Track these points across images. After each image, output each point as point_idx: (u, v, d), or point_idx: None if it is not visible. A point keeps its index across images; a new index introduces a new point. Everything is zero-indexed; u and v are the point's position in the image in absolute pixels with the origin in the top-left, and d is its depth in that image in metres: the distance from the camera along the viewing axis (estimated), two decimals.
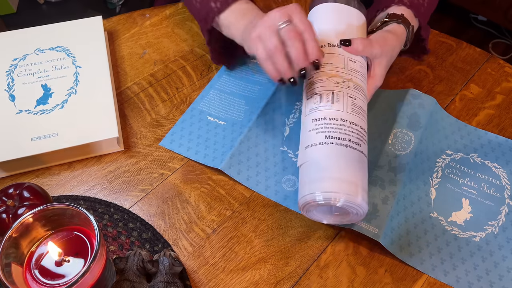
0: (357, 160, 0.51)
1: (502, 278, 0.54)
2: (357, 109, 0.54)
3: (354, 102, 0.54)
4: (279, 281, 0.54)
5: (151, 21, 0.81)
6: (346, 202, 0.49)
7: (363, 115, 0.55)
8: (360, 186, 0.50)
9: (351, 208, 0.49)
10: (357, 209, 0.50)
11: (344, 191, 0.49)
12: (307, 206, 0.51)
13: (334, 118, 0.53)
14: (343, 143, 0.51)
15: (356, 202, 0.49)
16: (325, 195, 0.49)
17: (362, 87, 0.57)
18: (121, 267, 0.50)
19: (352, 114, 0.53)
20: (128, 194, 0.61)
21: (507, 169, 0.62)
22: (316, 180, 0.50)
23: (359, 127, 0.53)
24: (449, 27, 1.99)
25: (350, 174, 0.50)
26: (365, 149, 0.53)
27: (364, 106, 0.56)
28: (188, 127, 0.67)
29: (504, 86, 0.72)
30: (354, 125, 0.53)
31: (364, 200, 0.50)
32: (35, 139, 0.62)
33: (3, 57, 0.70)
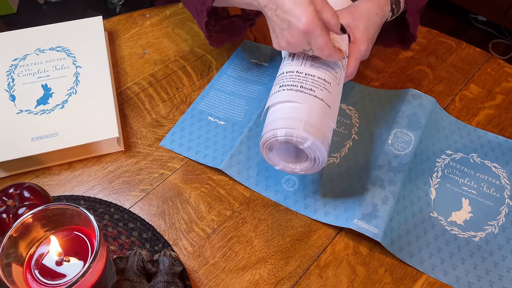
0: (306, 101, 0.53)
1: (502, 278, 0.54)
2: (316, 64, 0.56)
3: (314, 60, 0.56)
4: (279, 281, 0.54)
5: (151, 21, 0.81)
6: (287, 135, 0.51)
7: (326, 70, 0.56)
8: (304, 121, 0.51)
9: (298, 143, 0.51)
10: (302, 142, 0.51)
11: (285, 126, 0.51)
12: (262, 145, 0.54)
13: (290, 71, 0.56)
14: (293, 89, 0.54)
15: (299, 135, 0.50)
16: (269, 133, 0.52)
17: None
18: (121, 267, 0.50)
19: (309, 68, 0.56)
20: (128, 194, 0.61)
21: (507, 169, 0.63)
22: (269, 122, 0.54)
23: (315, 77, 0.55)
24: (449, 27, 1.99)
25: (296, 112, 0.52)
26: (325, 95, 0.54)
27: (332, 64, 0.57)
28: (188, 127, 0.67)
29: (504, 86, 0.73)
30: (309, 75, 0.55)
31: (309, 133, 0.51)
32: (35, 139, 0.62)
33: (4, 57, 0.70)
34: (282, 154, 0.55)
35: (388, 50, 0.77)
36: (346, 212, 0.58)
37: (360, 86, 0.71)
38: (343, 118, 0.67)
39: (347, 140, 0.65)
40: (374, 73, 0.74)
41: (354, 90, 0.71)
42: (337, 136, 0.66)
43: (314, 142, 0.51)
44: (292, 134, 0.51)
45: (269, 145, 0.53)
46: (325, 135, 0.52)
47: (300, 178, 0.62)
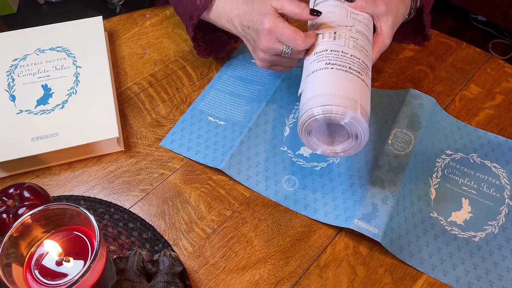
0: (358, 84, 0.50)
1: (502, 278, 0.54)
2: (359, 47, 0.54)
3: (356, 42, 0.54)
4: (279, 281, 0.54)
5: (151, 21, 0.81)
6: (345, 115, 0.47)
7: (366, 55, 0.54)
8: (359, 103, 0.48)
9: (351, 126, 0.48)
10: (357, 126, 0.48)
11: (343, 104, 0.48)
12: (305, 125, 0.50)
13: (335, 50, 0.53)
14: (343, 69, 0.51)
15: (356, 116, 0.47)
16: (324, 108, 0.48)
17: (365, 34, 0.56)
18: (121, 267, 0.50)
19: (353, 49, 0.53)
20: (128, 194, 0.61)
21: (507, 169, 0.63)
22: (314, 97, 0.49)
23: (360, 61, 0.52)
24: (449, 27, 1.99)
25: (350, 92, 0.49)
26: (368, 81, 0.52)
27: (368, 48, 0.56)
28: (188, 127, 0.67)
29: (504, 86, 0.73)
30: (355, 58, 0.52)
31: (364, 118, 0.48)
32: (35, 139, 0.62)
33: (4, 57, 0.70)
34: (321, 138, 0.53)
35: (388, 50, 0.77)
36: (346, 212, 0.58)
37: None
38: None
39: None
40: (374, 73, 0.74)
41: None
42: None
43: (355, 115, 0.48)
44: (330, 110, 0.48)
45: (307, 127, 0.50)
46: (365, 108, 0.49)
47: (300, 178, 0.62)
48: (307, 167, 0.63)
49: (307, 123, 0.50)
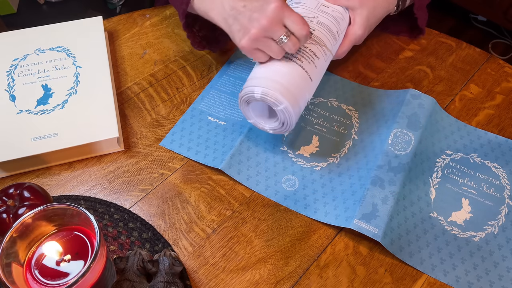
0: (294, 71, 0.56)
1: (501, 278, 0.54)
2: (313, 39, 0.59)
3: (311, 31, 0.59)
4: (279, 281, 0.54)
5: (151, 21, 0.81)
6: (264, 94, 0.55)
7: (319, 45, 0.59)
8: (283, 86, 0.55)
9: (281, 113, 0.56)
10: (286, 116, 0.56)
11: (278, 91, 0.54)
12: (245, 97, 0.57)
13: None
14: (286, 56, 0.57)
15: (275, 96, 0.54)
16: (263, 90, 0.55)
17: (328, 26, 0.61)
18: (121, 267, 0.50)
19: None
20: (129, 194, 0.61)
21: (507, 169, 0.63)
22: (257, 78, 0.57)
23: (307, 49, 0.58)
24: (449, 27, 1.99)
25: (283, 78, 0.56)
26: (311, 69, 0.58)
27: (325, 39, 0.60)
28: (188, 127, 0.67)
29: (504, 86, 0.73)
30: (302, 46, 0.58)
31: (284, 97, 0.54)
32: (35, 139, 0.62)
33: (4, 57, 0.70)
34: (257, 110, 0.60)
35: (388, 50, 0.77)
36: (346, 212, 0.58)
37: (360, 86, 0.71)
38: (343, 118, 0.67)
39: (347, 140, 0.65)
40: (374, 73, 0.74)
41: (354, 90, 0.71)
42: (337, 136, 0.66)
43: (287, 107, 0.55)
44: (268, 94, 0.55)
45: (246, 99, 0.57)
46: (299, 103, 0.56)
47: (300, 178, 0.62)
48: (307, 167, 0.63)
49: (246, 96, 0.57)
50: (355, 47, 0.77)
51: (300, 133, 0.66)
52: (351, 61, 0.75)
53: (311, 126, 0.67)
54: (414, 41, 0.78)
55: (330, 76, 0.72)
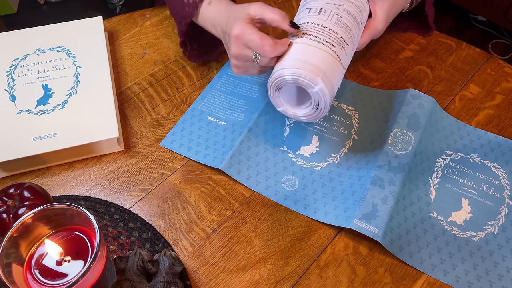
0: (328, 53, 0.54)
1: (501, 278, 0.54)
2: (341, 24, 0.57)
3: (340, 19, 0.57)
4: (279, 280, 0.54)
5: (151, 21, 0.81)
6: (298, 75, 0.52)
7: (348, 32, 0.57)
8: (319, 67, 0.53)
9: (316, 95, 0.53)
10: (312, 86, 0.53)
11: (311, 71, 0.52)
12: (276, 81, 0.55)
13: (316, 23, 0.56)
14: (317, 40, 0.55)
15: (311, 77, 0.52)
16: (294, 71, 0.53)
17: (353, 15, 0.59)
18: (121, 267, 0.50)
19: (334, 25, 0.56)
20: (129, 194, 0.61)
21: (507, 169, 0.63)
22: (288, 60, 0.54)
23: (338, 35, 0.56)
24: (449, 27, 1.99)
25: (318, 61, 0.53)
26: (342, 54, 0.56)
27: (353, 28, 0.58)
28: (188, 127, 0.67)
29: (503, 86, 0.73)
30: (333, 32, 0.56)
31: (320, 78, 0.52)
32: (35, 139, 0.62)
33: (4, 57, 0.70)
34: (286, 98, 0.58)
35: (388, 50, 0.77)
36: (346, 212, 0.58)
37: (360, 86, 0.71)
38: (343, 118, 0.67)
39: (347, 140, 0.65)
40: (374, 73, 0.74)
41: (354, 90, 0.71)
42: (337, 136, 0.66)
43: (323, 88, 0.53)
44: (301, 75, 0.52)
45: (277, 84, 0.55)
46: (333, 85, 0.54)
47: (300, 178, 0.62)
48: (307, 167, 0.63)
49: (277, 80, 0.55)
50: None
51: (300, 133, 0.66)
52: (351, 61, 0.75)
53: (311, 126, 0.67)
54: (414, 41, 0.78)
55: None
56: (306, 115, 0.57)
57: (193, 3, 0.64)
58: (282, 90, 0.56)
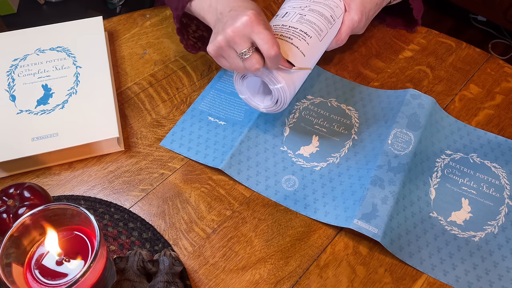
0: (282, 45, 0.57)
1: (501, 278, 0.54)
2: (303, 21, 0.60)
3: (302, 17, 0.61)
4: (279, 280, 0.54)
5: (151, 21, 0.81)
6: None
7: (312, 26, 0.60)
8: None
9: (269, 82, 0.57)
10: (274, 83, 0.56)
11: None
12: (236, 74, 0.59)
13: (277, 24, 0.61)
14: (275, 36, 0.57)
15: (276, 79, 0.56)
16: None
17: (320, 11, 0.62)
18: (121, 266, 0.50)
19: (295, 23, 0.60)
20: (129, 194, 0.61)
21: (507, 169, 0.63)
22: None
23: (297, 29, 0.59)
24: (448, 27, 1.99)
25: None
26: (301, 45, 0.58)
27: (318, 22, 0.61)
28: (188, 127, 0.67)
29: (503, 86, 0.73)
30: (292, 28, 0.59)
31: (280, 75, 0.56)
32: (35, 139, 0.62)
33: (4, 57, 0.70)
34: (250, 88, 0.61)
35: (388, 50, 0.77)
36: (346, 212, 0.58)
37: (360, 86, 0.71)
38: (343, 118, 0.67)
39: (347, 140, 0.65)
40: (374, 73, 0.74)
41: (354, 90, 0.71)
42: (337, 136, 0.66)
43: (283, 86, 0.56)
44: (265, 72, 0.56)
45: (242, 74, 0.59)
46: (293, 81, 0.58)
47: (300, 178, 0.62)
48: (307, 167, 0.63)
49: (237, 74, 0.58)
50: (355, 47, 0.77)
51: (300, 133, 0.66)
52: (351, 61, 0.75)
53: (311, 126, 0.67)
54: (414, 41, 0.78)
55: (330, 76, 0.73)
56: (266, 107, 0.61)
57: None
58: (247, 79, 0.60)
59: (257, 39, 0.51)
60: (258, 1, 0.84)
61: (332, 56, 0.76)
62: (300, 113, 0.68)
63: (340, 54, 0.76)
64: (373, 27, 0.80)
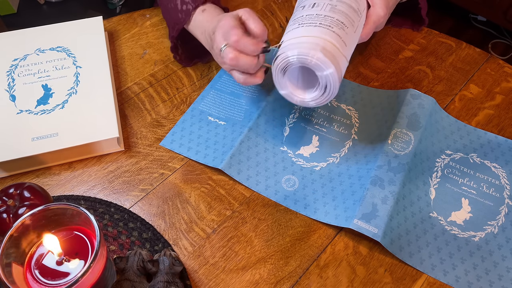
0: (328, 35, 0.53)
1: (501, 278, 0.54)
2: (336, 11, 0.56)
3: (334, 7, 0.56)
4: (279, 280, 0.54)
5: (151, 21, 0.81)
6: (305, 55, 0.51)
7: (346, 17, 0.56)
8: (324, 48, 0.51)
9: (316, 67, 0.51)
10: (321, 67, 0.51)
11: (306, 47, 0.51)
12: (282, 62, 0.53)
13: (310, 14, 0.56)
14: (312, 24, 0.54)
15: (319, 57, 0.51)
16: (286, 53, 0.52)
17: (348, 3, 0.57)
18: (121, 266, 0.50)
19: (329, 12, 0.55)
20: (129, 194, 0.61)
21: (507, 169, 0.63)
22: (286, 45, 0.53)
23: (334, 18, 0.55)
24: (449, 27, 1.99)
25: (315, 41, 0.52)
26: (341, 33, 0.54)
27: (350, 14, 0.57)
28: (188, 127, 0.67)
29: (503, 86, 0.73)
30: (329, 17, 0.55)
31: (328, 59, 0.51)
32: (35, 139, 0.62)
33: (4, 57, 0.70)
34: (292, 82, 0.56)
35: (388, 50, 0.77)
36: (346, 212, 0.58)
37: (360, 86, 0.71)
38: (343, 118, 0.67)
39: (347, 140, 0.65)
40: (374, 73, 0.74)
41: (354, 90, 0.71)
42: (337, 136, 0.66)
43: (332, 71, 0.51)
44: (311, 55, 0.51)
45: (283, 66, 0.53)
46: (340, 66, 0.53)
47: (300, 178, 0.62)
48: (307, 167, 0.63)
49: (283, 62, 0.53)
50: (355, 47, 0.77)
51: (300, 133, 0.66)
52: (351, 61, 0.75)
53: (311, 126, 0.67)
54: (414, 41, 0.78)
55: None
56: (314, 99, 0.55)
57: (186, 11, 0.65)
58: (288, 72, 0.55)
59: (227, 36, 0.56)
60: (258, 1, 0.84)
61: None
62: (300, 113, 0.68)
63: None
64: None
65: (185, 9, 0.65)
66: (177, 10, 0.66)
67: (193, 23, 0.66)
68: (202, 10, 0.64)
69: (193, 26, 0.66)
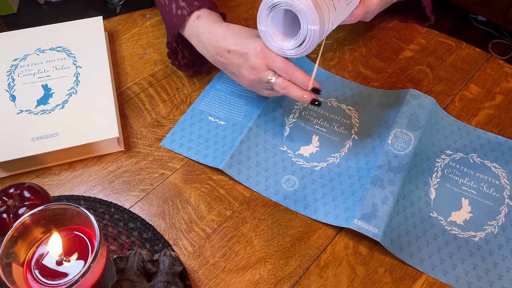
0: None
1: (501, 278, 0.54)
2: None
3: None
4: (279, 280, 0.54)
5: (151, 21, 0.81)
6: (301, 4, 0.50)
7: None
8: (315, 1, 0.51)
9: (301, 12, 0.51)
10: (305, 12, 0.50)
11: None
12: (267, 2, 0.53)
13: None
14: None
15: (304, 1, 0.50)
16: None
17: None
18: (121, 266, 0.50)
19: None
20: (129, 194, 0.61)
21: (507, 169, 0.63)
22: None
23: None
24: (449, 27, 1.99)
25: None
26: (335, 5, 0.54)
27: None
28: (188, 127, 0.67)
29: (503, 86, 0.73)
30: None
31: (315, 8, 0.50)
32: (35, 139, 0.62)
33: (4, 57, 0.70)
34: (274, 25, 0.56)
35: (388, 50, 0.77)
36: (346, 212, 0.58)
37: (360, 86, 0.71)
38: (343, 118, 0.67)
39: (347, 140, 0.65)
40: (374, 73, 0.74)
41: (354, 90, 0.71)
42: (337, 136, 0.66)
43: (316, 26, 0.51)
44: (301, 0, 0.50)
45: (272, 5, 0.53)
46: (324, 23, 0.52)
47: (300, 178, 0.62)
48: (307, 167, 0.63)
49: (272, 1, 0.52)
50: (355, 47, 0.77)
51: (300, 133, 0.66)
52: (351, 61, 0.75)
53: (311, 126, 0.67)
54: (414, 41, 0.78)
55: (330, 76, 0.73)
56: (288, 48, 0.55)
57: (181, 16, 0.64)
58: (273, 14, 0.54)
59: (274, 67, 0.57)
60: (258, 1, 0.84)
61: (332, 56, 0.76)
62: (300, 113, 0.68)
63: (340, 54, 0.76)
64: (373, 27, 0.80)
65: (180, 14, 0.64)
66: (172, 15, 0.65)
67: (188, 30, 0.64)
68: (197, 17, 0.63)
69: (188, 33, 0.65)
